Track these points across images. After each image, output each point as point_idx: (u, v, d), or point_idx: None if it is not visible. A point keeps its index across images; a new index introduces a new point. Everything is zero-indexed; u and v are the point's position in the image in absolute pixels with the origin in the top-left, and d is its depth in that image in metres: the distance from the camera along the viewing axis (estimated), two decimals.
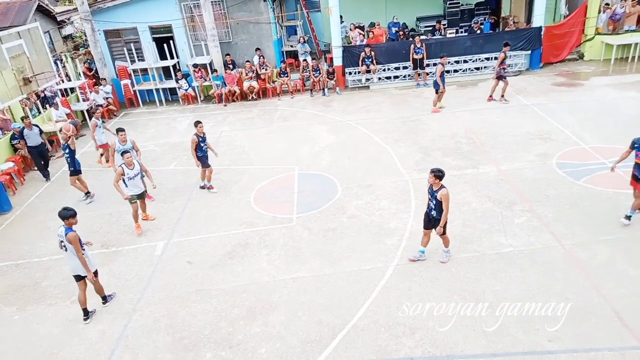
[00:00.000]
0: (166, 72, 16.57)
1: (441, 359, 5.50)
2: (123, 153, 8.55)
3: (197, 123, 9.62)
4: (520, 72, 15.83)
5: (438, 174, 6.56)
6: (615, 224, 7.50)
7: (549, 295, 6.19)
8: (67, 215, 6.43)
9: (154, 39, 16.51)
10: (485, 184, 9.12)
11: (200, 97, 16.22)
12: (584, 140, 10.45)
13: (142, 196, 8.77)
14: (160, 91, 16.24)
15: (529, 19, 16.94)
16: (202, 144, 9.54)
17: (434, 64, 15.80)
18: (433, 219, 6.81)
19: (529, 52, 15.79)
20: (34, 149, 11.36)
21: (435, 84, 12.94)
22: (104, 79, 16.28)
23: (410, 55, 15.33)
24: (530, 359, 5.36)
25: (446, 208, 6.56)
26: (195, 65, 15.97)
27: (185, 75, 16.12)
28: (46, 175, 11.51)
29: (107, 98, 15.63)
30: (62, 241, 6.40)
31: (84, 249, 6.44)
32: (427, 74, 15.68)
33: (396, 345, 5.73)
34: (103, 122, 11.94)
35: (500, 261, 6.96)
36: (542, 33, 15.61)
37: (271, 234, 8.22)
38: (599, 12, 16.26)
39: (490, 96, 13.48)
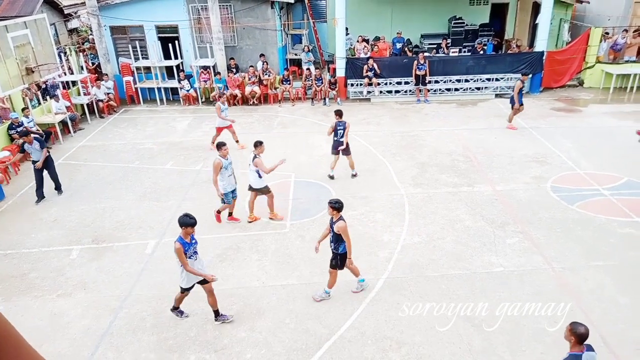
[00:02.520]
0: (169, 72, 16.60)
1: None
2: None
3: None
4: (428, 91, 16.01)
5: (335, 206, 6.28)
6: (606, 250, 7.54)
7: (537, 318, 6.20)
8: (186, 222, 6.07)
9: (160, 38, 16.57)
10: (480, 203, 9.16)
11: (201, 98, 16.25)
12: (580, 165, 10.54)
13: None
14: (162, 90, 16.27)
15: (531, 43, 17.17)
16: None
17: (436, 81, 15.98)
18: (333, 253, 6.54)
19: (530, 75, 15.96)
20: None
21: (512, 100, 12.87)
22: (106, 74, 16.30)
23: (413, 71, 15.46)
24: None
25: (347, 239, 6.31)
26: (204, 68, 16.03)
27: (188, 76, 16.16)
28: (40, 196, 9.87)
29: (108, 93, 15.64)
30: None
31: (190, 257, 6.08)
32: (429, 90, 15.81)
33: (382, 358, 5.71)
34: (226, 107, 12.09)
35: (490, 280, 6.98)
36: (544, 58, 15.81)
37: (263, 240, 8.20)
38: (601, 41, 16.50)
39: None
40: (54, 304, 6.87)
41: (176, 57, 16.20)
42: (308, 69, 16.70)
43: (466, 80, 16.05)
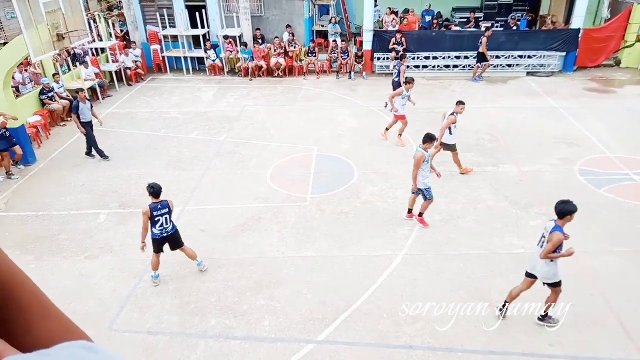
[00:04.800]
0: (196, 41, 16.61)
1: (440, 350, 5.56)
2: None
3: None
4: (552, 74, 15.45)
5: (150, 190, 6.31)
6: (631, 236, 7.38)
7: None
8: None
9: (187, 7, 16.51)
10: (504, 184, 9.02)
11: (227, 68, 16.25)
12: (610, 149, 10.22)
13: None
14: (189, 59, 16.32)
15: (568, 20, 16.44)
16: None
17: (465, 57, 15.53)
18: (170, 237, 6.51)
19: (564, 53, 15.37)
20: (88, 125, 10.24)
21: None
22: (134, 42, 16.42)
23: (483, 48, 14.58)
24: None
25: None
26: (226, 37, 15.97)
27: (214, 46, 16.14)
28: (102, 155, 10.38)
29: (136, 62, 15.79)
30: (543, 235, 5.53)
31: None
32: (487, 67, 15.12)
33: (397, 332, 5.81)
34: (406, 97, 10.53)
35: (510, 262, 6.94)
36: (580, 35, 15.16)
37: (284, 212, 8.31)
38: None
39: None
40: (82, 265, 7.17)
41: (203, 27, 16.16)
42: (335, 41, 16.44)
43: (497, 57, 15.56)
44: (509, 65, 15.55)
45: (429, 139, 7.44)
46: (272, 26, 16.81)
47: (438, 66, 15.74)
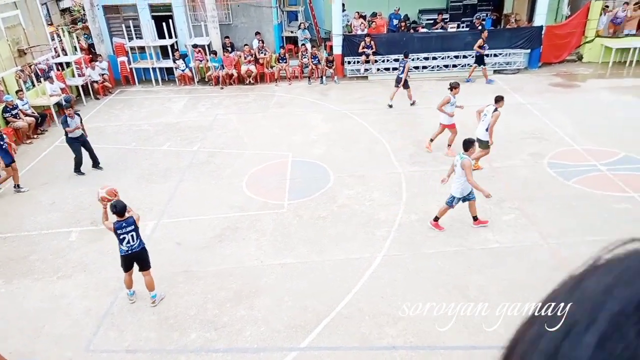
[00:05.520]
0: (164, 52, 16.41)
1: (422, 349, 5.60)
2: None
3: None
4: (518, 71, 15.85)
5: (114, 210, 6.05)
6: (601, 225, 7.59)
7: (531, 292, 6.28)
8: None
9: (153, 17, 16.30)
10: (477, 180, 9.14)
11: (196, 77, 16.09)
12: (577, 141, 10.52)
13: None
14: (157, 70, 16.09)
15: (531, 18, 16.91)
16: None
17: (434, 58, 15.79)
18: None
19: (529, 50, 15.79)
20: (75, 141, 9.93)
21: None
22: (100, 55, 16.11)
23: (476, 47, 14.65)
24: None
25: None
26: (194, 46, 15.83)
27: (183, 56, 15.97)
28: (78, 169, 10.14)
29: (102, 75, 15.48)
30: None
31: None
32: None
33: (379, 333, 5.82)
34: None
35: (486, 257, 7.05)
36: (542, 32, 15.60)
37: (261, 219, 8.25)
38: (600, 15, 16.26)
39: None
40: (54, 286, 6.95)
41: (170, 37, 15.98)
42: (303, 44, 16.50)
43: (464, 57, 15.86)
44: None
45: (470, 144, 7.26)
46: (241, 34, 16.75)
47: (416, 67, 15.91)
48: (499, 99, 9.04)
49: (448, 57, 15.89)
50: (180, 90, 15.59)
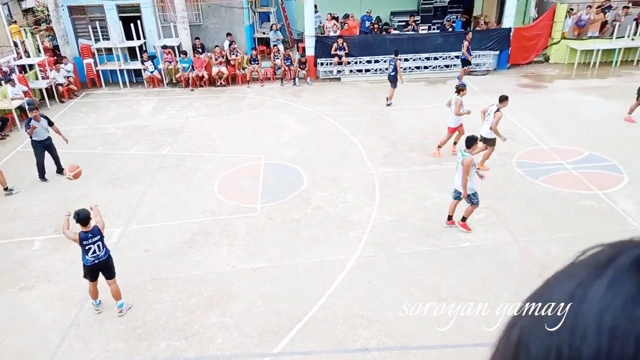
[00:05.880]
0: (132, 53, 16.03)
1: (395, 349, 5.59)
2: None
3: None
4: (487, 72, 16.14)
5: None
6: (568, 222, 7.76)
7: (502, 290, 6.37)
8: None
9: (121, 18, 15.91)
10: (449, 180, 9.21)
11: (166, 79, 15.78)
12: (544, 141, 10.75)
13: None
14: (125, 72, 15.70)
15: (499, 20, 17.25)
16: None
17: (405, 59, 15.92)
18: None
19: (498, 52, 16.10)
20: (39, 144, 9.56)
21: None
22: (65, 57, 15.61)
23: (464, 51, 14.77)
24: (481, 350, 5.50)
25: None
26: (164, 47, 15.52)
27: (152, 57, 15.64)
28: (42, 175, 9.80)
29: (68, 77, 15.00)
30: None
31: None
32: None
33: (353, 336, 5.78)
34: None
35: (458, 256, 7.11)
36: (511, 34, 15.94)
37: (233, 224, 8.11)
38: (566, 17, 16.72)
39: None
40: (16, 297, 6.65)
41: (139, 38, 15.62)
42: (275, 45, 16.39)
43: (435, 58, 16.06)
44: (447, 66, 16.09)
45: (473, 141, 7.30)
46: (212, 35, 16.52)
47: (380, 69, 16.02)
48: (503, 99, 9.15)
49: (419, 58, 16.05)
50: (149, 93, 15.26)
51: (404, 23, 17.77)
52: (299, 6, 17.41)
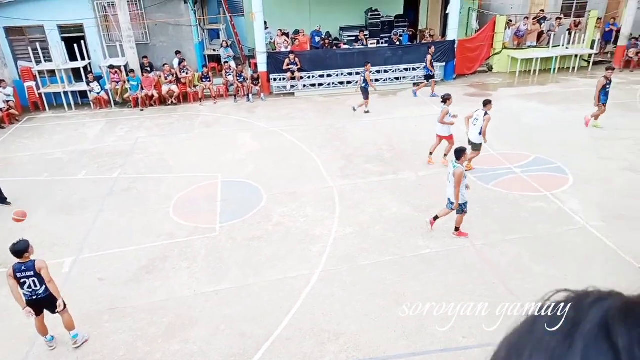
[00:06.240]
0: (76, 74, 15.44)
1: None
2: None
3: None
4: (436, 83, 16.69)
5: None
6: (520, 224, 8.08)
7: (463, 293, 6.52)
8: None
9: (63, 39, 15.35)
10: (405, 190, 9.45)
11: (114, 100, 15.28)
12: (493, 147, 11.17)
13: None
14: (70, 94, 15.09)
15: (444, 32, 17.98)
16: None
17: (357, 73, 16.24)
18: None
19: (444, 63, 16.72)
20: None
21: (604, 99, 11.67)
22: (4, 80, 14.82)
23: (428, 64, 15.13)
24: (447, 355, 5.59)
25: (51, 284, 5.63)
26: (111, 67, 15.06)
27: (98, 78, 15.14)
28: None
29: (7, 101, 14.24)
30: None
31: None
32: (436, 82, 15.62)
33: (321, 352, 5.72)
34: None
35: (419, 263, 7.23)
36: (455, 46, 16.61)
37: (192, 246, 7.89)
38: (505, 28, 17.65)
39: None
40: None
41: (83, 58, 15.09)
42: (227, 62, 16.30)
43: (385, 71, 16.47)
44: (397, 78, 16.54)
45: (462, 152, 7.43)
46: (160, 53, 16.23)
47: (333, 83, 16.25)
48: (487, 103, 9.56)
49: (370, 72, 16.37)
50: (96, 114, 14.73)
51: (353, 38, 18.15)
52: (249, 23, 17.43)
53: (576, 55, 17.54)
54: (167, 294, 6.79)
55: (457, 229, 7.81)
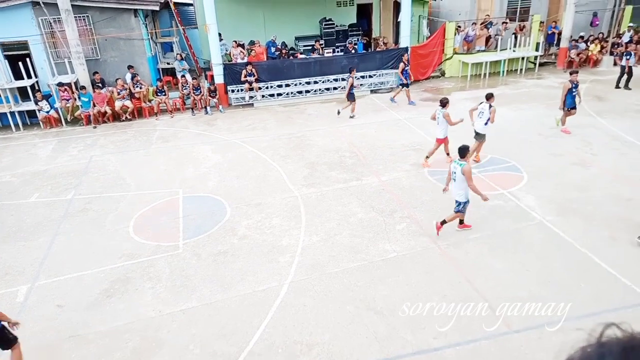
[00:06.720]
0: (23, 93, 14.75)
1: None
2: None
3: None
4: (392, 89, 17.06)
5: None
6: (480, 222, 8.32)
7: (431, 293, 6.64)
8: None
9: (7, 57, 14.65)
10: (369, 195, 9.56)
11: (65, 119, 14.69)
12: (450, 149, 11.50)
13: None
14: (17, 114, 14.40)
15: (397, 40, 18.42)
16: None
17: (315, 82, 16.35)
18: None
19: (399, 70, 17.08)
20: None
21: (570, 102, 11.86)
22: None
23: (399, 72, 15.20)
24: (419, 358, 5.66)
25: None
26: (60, 84, 14.48)
27: (46, 96, 14.52)
28: None
29: None
30: None
31: None
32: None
33: None
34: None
35: (386, 267, 7.30)
36: (408, 53, 17.03)
37: (155, 265, 7.65)
38: (455, 34, 18.29)
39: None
40: None
41: (29, 77, 14.45)
42: (184, 76, 16.04)
43: (343, 79, 16.66)
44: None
45: (466, 150, 7.55)
46: (112, 68, 15.78)
47: (291, 93, 16.28)
48: (490, 96, 10.20)
49: (328, 80, 16.57)
50: (47, 134, 14.11)
51: (309, 47, 18.29)
52: (203, 34, 17.24)
53: (523, 58, 18.38)
54: (132, 316, 6.54)
55: (461, 221, 8.07)
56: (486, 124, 10.20)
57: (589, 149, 11.24)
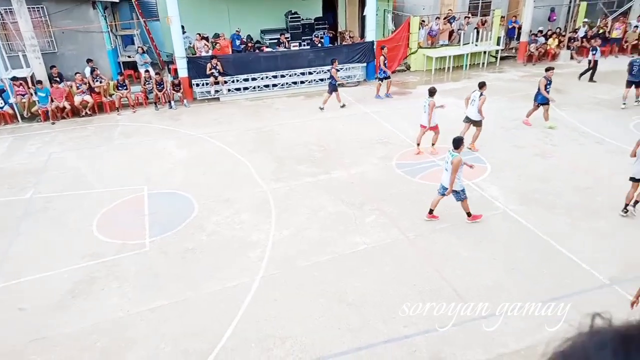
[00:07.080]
0: None
1: None
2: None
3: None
4: (359, 83, 17.18)
5: None
6: (447, 213, 8.52)
7: (401, 285, 6.76)
8: None
9: None
10: (338, 188, 9.61)
11: (21, 115, 14.04)
12: (421, 142, 11.70)
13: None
14: None
15: (362, 34, 18.51)
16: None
17: (282, 76, 16.25)
18: None
19: (365, 64, 17.22)
20: None
21: (542, 98, 12.00)
22: None
23: (381, 64, 15.14)
24: (391, 346, 5.77)
25: None
26: (15, 79, 13.81)
27: (0, 91, 13.83)
28: None
29: None
30: None
31: None
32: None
33: (268, 358, 5.66)
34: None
35: (357, 259, 7.38)
36: (374, 47, 17.17)
37: (121, 264, 7.46)
38: (419, 28, 18.55)
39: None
40: None
41: None
42: (147, 71, 15.61)
43: (310, 73, 16.64)
44: (321, 79, 16.76)
45: (460, 142, 7.74)
46: (70, 62, 15.18)
47: (258, 86, 16.13)
48: (482, 85, 10.67)
49: (295, 74, 16.50)
50: (2, 131, 13.45)
51: (275, 40, 18.15)
52: (165, 27, 16.82)
53: (485, 52, 18.85)
54: (99, 317, 6.36)
55: (468, 214, 8.19)
56: (478, 111, 10.67)
57: (549, 140, 11.68)
